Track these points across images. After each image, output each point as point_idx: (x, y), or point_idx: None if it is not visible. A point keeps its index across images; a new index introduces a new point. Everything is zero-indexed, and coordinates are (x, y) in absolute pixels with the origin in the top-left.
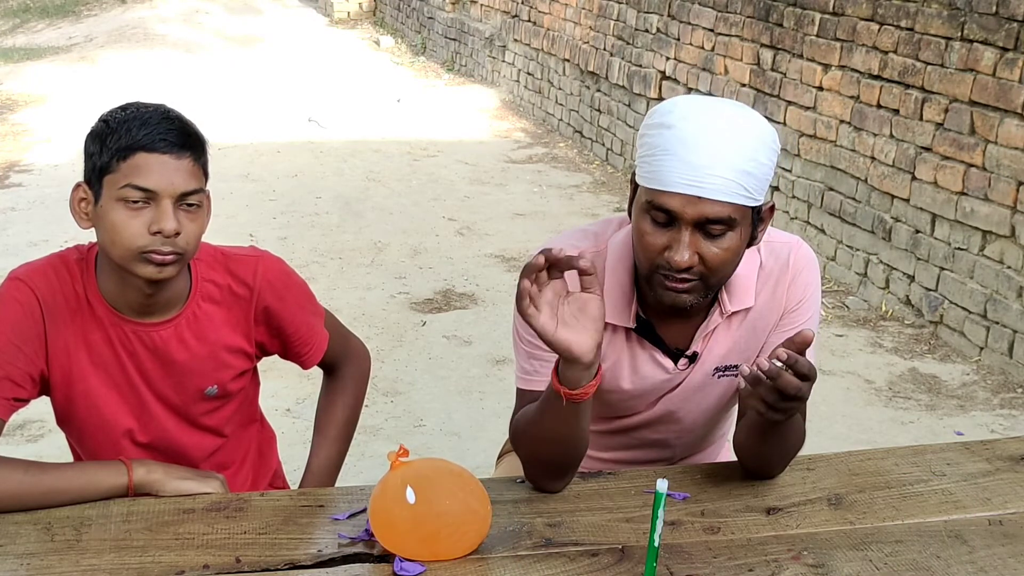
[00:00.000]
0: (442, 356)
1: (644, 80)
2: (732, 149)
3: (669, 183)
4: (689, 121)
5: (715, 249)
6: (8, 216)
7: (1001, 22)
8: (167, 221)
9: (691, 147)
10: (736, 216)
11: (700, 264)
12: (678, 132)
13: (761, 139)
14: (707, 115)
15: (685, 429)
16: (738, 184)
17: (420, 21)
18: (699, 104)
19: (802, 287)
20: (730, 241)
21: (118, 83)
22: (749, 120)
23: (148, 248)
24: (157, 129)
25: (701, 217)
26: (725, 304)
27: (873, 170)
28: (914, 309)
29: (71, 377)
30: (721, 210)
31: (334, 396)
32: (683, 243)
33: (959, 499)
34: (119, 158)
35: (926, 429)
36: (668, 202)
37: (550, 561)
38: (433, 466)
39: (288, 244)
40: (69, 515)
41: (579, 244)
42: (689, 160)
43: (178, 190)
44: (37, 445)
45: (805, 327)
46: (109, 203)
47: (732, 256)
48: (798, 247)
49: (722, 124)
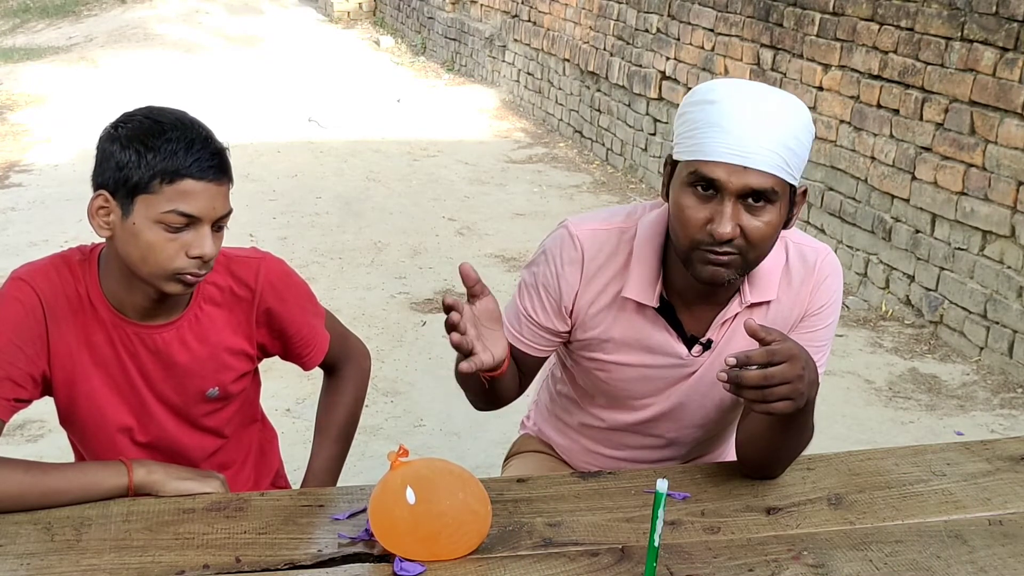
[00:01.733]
0: (442, 356)
1: (644, 80)
2: (776, 123)
3: (714, 153)
4: (733, 97)
5: (756, 222)
6: (8, 216)
7: (1001, 22)
8: (209, 246)
9: (736, 119)
10: (778, 190)
11: (741, 237)
12: (722, 107)
13: (801, 119)
14: (750, 92)
15: (696, 425)
16: (781, 158)
17: (420, 21)
18: (740, 83)
19: (826, 293)
20: (771, 215)
21: (118, 83)
22: (790, 99)
23: (185, 271)
24: (203, 155)
25: (745, 188)
26: (745, 294)
27: (873, 170)
28: (914, 309)
29: (73, 378)
30: (765, 181)
31: (335, 396)
32: (726, 214)
33: (959, 499)
34: (163, 180)
35: (926, 429)
36: (713, 172)
37: (550, 561)
38: (433, 466)
39: (288, 244)
40: (69, 515)
41: (609, 219)
42: (734, 131)
43: (218, 214)
44: (37, 445)
45: (823, 332)
46: (145, 222)
47: (772, 232)
48: (826, 254)
49: (765, 100)
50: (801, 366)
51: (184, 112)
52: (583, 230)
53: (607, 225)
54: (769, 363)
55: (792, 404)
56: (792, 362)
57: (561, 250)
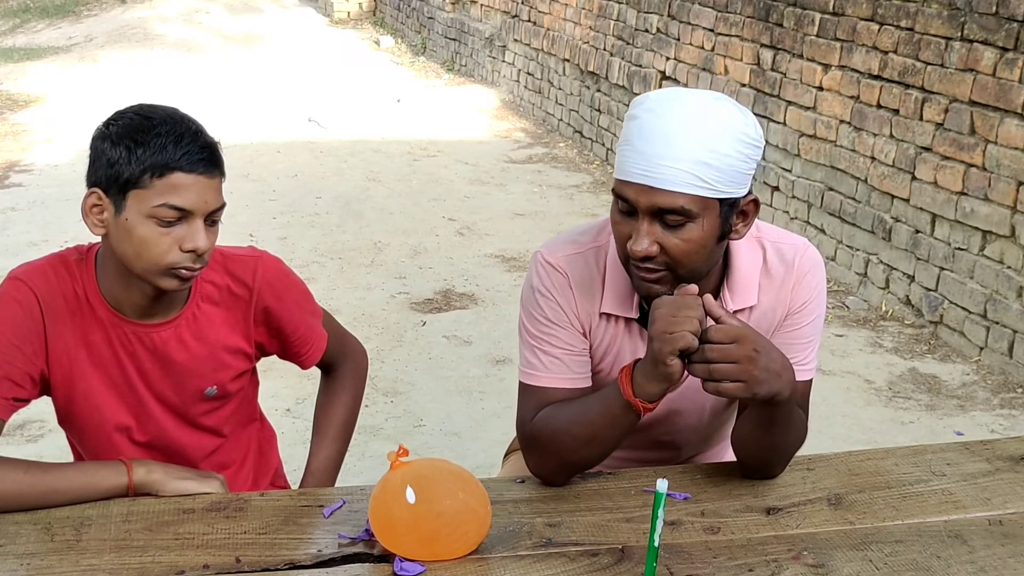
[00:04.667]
0: (442, 356)
1: (644, 80)
2: (687, 139)
3: (626, 173)
4: (651, 112)
5: (675, 240)
6: (8, 216)
7: (1001, 22)
8: (202, 240)
9: (646, 137)
10: (693, 207)
11: (663, 254)
12: (639, 123)
13: (725, 130)
14: (669, 105)
15: (690, 428)
16: (692, 175)
17: (420, 21)
18: (667, 95)
19: (807, 289)
20: (691, 232)
21: (118, 83)
22: (714, 110)
23: (179, 265)
24: (192, 148)
25: (654, 207)
26: (727, 302)
27: (873, 170)
28: (914, 309)
29: (71, 377)
30: (673, 200)
31: (333, 396)
32: (641, 232)
33: (959, 499)
34: (154, 175)
35: (926, 429)
36: (625, 191)
37: (550, 561)
38: (433, 466)
39: (288, 244)
40: (69, 515)
41: (578, 239)
42: (642, 150)
43: (210, 208)
44: (37, 445)
45: (808, 328)
46: (137, 217)
47: (696, 247)
48: (804, 249)
49: (681, 114)
50: (752, 349)
51: (175, 108)
52: (558, 257)
53: (579, 248)
54: (712, 341)
55: (743, 388)
56: (740, 344)
57: (549, 279)
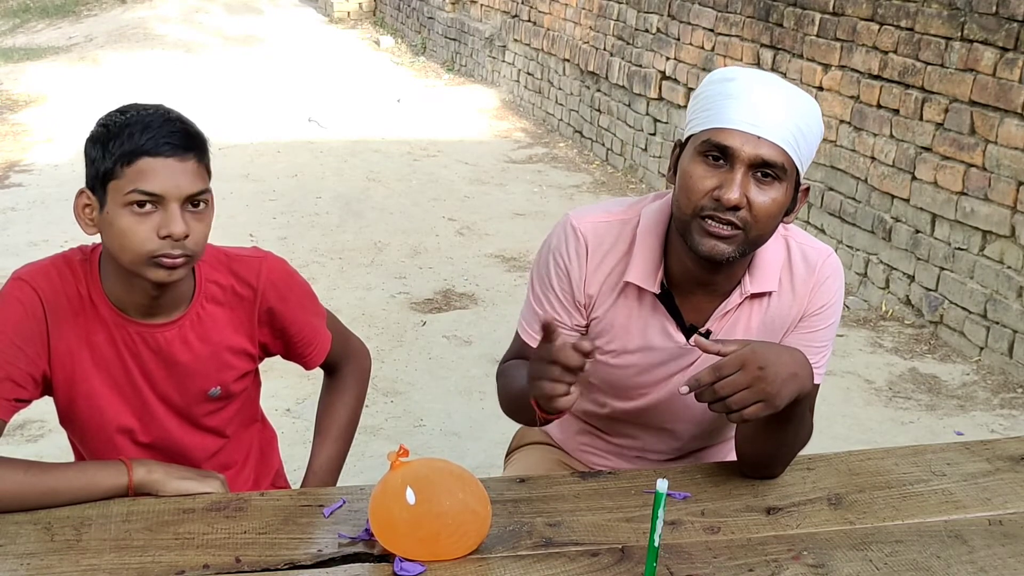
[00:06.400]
0: (442, 356)
1: (644, 80)
2: (790, 103)
3: (730, 121)
4: (751, 76)
5: (763, 197)
6: (8, 216)
7: (1001, 22)
8: (176, 224)
9: (754, 93)
10: (787, 167)
11: (747, 209)
12: (740, 83)
13: (812, 109)
14: (767, 75)
15: (694, 416)
16: (792, 136)
17: (420, 21)
18: (757, 70)
19: (826, 293)
20: (777, 192)
21: (118, 83)
22: (801, 91)
23: (158, 252)
24: (160, 132)
25: (757, 158)
26: (746, 284)
27: (873, 170)
28: (914, 309)
29: (73, 378)
30: (777, 154)
31: (335, 396)
32: (736, 181)
33: (959, 499)
34: (123, 163)
35: (926, 429)
36: (727, 139)
37: (550, 561)
38: (433, 466)
39: (288, 244)
40: (69, 515)
41: (610, 209)
42: (752, 101)
43: (184, 192)
44: (37, 445)
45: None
46: (115, 209)
47: (776, 210)
48: (828, 255)
49: (779, 84)
50: (757, 367)
51: (160, 104)
52: (585, 222)
53: (608, 216)
54: (719, 378)
55: (765, 406)
56: (745, 369)
57: (566, 244)
